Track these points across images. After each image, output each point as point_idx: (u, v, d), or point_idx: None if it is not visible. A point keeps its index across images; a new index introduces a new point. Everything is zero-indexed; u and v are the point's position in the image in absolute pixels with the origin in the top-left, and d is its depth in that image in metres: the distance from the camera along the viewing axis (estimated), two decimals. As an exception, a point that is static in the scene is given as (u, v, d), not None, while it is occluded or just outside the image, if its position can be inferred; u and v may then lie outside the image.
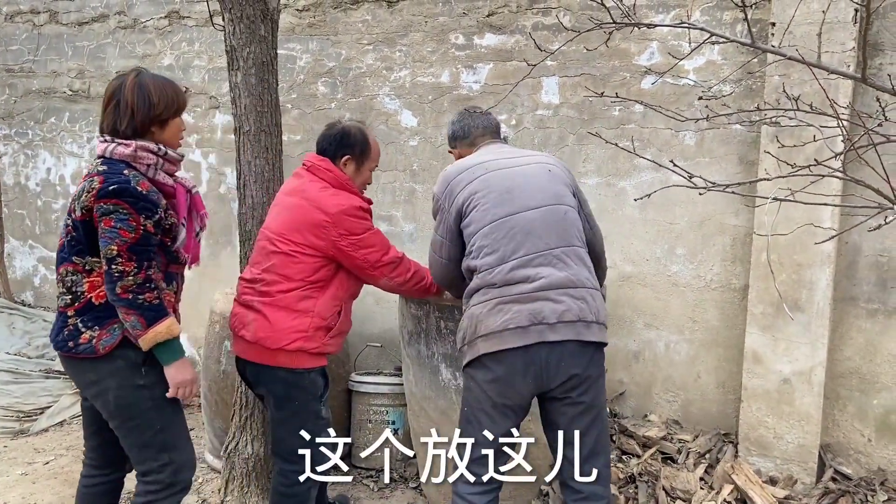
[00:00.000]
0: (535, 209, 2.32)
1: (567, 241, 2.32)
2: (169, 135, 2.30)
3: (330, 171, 2.59)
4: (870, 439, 3.41)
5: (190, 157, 4.60)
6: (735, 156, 3.52)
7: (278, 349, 2.48)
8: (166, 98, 2.25)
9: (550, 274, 2.25)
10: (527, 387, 2.26)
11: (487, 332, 2.25)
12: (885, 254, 3.29)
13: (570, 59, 3.74)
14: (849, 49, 3.10)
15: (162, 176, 2.27)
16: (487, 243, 2.31)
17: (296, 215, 2.53)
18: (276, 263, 2.53)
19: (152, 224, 2.17)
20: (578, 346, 2.23)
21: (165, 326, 2.17)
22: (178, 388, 2.25)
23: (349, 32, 4.17)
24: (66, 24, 4.82)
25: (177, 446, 2.31)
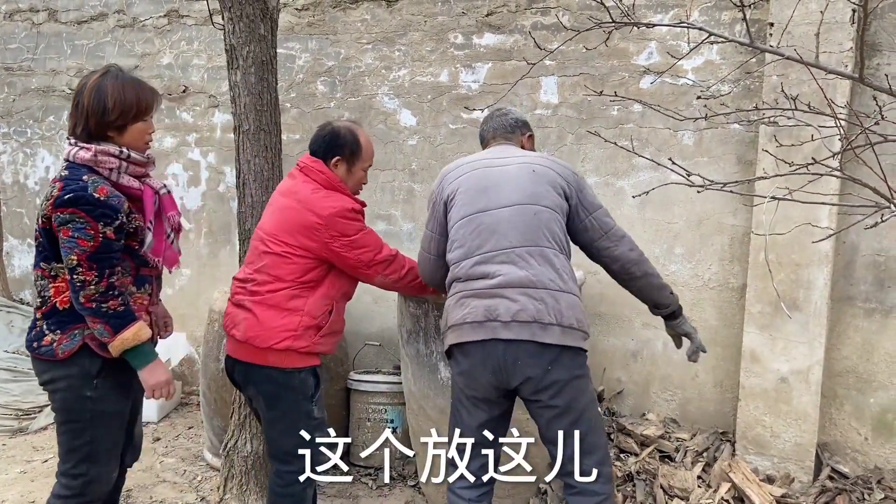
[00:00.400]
0: (506, 207, 2.33)
1: (533, 240, 2.30)
2: (129, 139, 2.23)
3: (322, 172, 2.57)
4: (866, 438, 3.42)
5: (189, 156, 4.60)
6: (733, 155, 3.53)
7: (268, 348, 2.47)
8: (123, 104, 2.18)
9: (509, 272, 2.26)
10: (488, 381, 2.29)
11: (452, 323, 2.33)
12: (883, 253, 3.31)
13: (568, 59, 3.75)
14: (846, 49, 3.11)
15: (126, 179, 2.22)
16: (457, 238, 2.38)
17: (288, 217, 2.52)
18: (267, 264, 2.52)
19: (112, 230, 2.13)
20: (536, 348, 2.22)
21: (132, 333, 2.16)
22: (153, 390, 2.26)
23: (348, 32, 4.18)
24: (65, 22, 4.82)
25: (98, 461, 2.28)
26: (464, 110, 3.95)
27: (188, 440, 4.08)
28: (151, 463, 3.76)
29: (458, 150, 4.02)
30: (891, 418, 3.37)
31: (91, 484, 2.29)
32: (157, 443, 4.00)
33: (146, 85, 2.28)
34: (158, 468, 3.73)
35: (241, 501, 3.19)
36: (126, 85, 2.21)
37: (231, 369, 2.65)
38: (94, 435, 2.25)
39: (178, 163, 4.63)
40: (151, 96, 2.27)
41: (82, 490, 2.29)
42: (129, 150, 2.22)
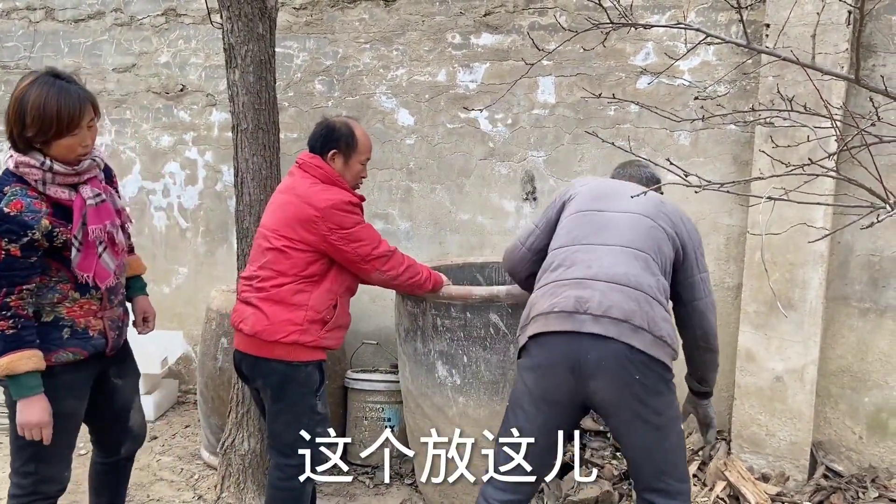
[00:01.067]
0: (623, 213, 2.29)
1: (641, 247, 2.22)
2: (56, 154, 2.11)
3: (320, 167, 2.60)
4: (861, 437, 3.44)
5: (186, 155, 4.60)
6: (729, 156, 3.55)
7: (275, 341, 2.51)
8: (42, 121, 2.04)
9: (610, 266, 2.17)
10: (566, 381, 2.12)
11: (538, 312, 2.20)
12: (877, 253, 3.33)
13: (566, 59, 3.77)
14: (842, 50, 3.13)
15: (54, 190, 2.11)
16: (564, 227, 2.36)
17: (288, 212, 2.56)
18: (270, 259, 2.56)
19: (18, 248, 2.03)
20: (627, 351, 2.07)
21: (7, 361, 2.05)
22: (21, 428, 2.12)
23: (346, 31, 4.18)
24: (63, 20, 4.81)
25: (47, 461, 2.26)
26: (461, 110, 3.96)
27: (185, 439, 4.08)
28: (148, 461, 3.76)
29: (456, 149, 4.03)
30: (885, 417, 3.40)
31: (42, 483, 2.28)
32: (153, 441, 4.00)
33: (75, 95, 2.10)
34: (155, 467, 3.73)
35: (239, 500, 3.20)
36: (48, 99, 2.05)
37: (238, 362, 2.69)
38: None
39: (175, 161, 4.62)
40: (77, 109, 2.08)
41: (34, 488, 2.27)
42: (52, 162, 2.09)
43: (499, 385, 2.95)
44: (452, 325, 2.95)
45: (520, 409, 2.22)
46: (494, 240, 4.02)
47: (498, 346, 2.92)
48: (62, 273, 2.18)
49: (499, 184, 3.99)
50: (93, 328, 2.28)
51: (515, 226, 3.98)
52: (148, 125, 4.64)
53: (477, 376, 2.95)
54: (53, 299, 2.19)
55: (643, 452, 2.15)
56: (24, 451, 2.24)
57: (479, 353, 2.93)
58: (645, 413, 2.10)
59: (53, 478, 2.30)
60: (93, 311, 2.28)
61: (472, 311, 2.91)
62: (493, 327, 2.91)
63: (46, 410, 2.13)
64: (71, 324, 2.23)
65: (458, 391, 2.99)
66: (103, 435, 2.58)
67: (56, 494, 2.35)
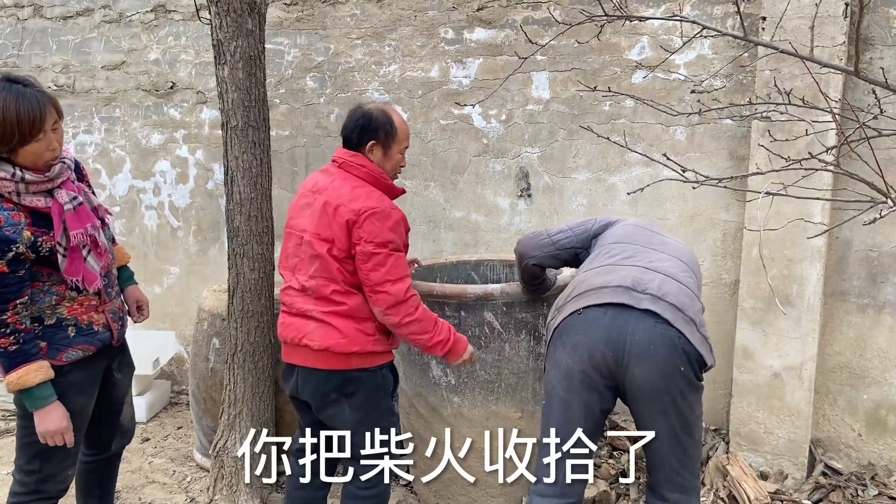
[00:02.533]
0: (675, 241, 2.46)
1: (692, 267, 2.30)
2: (25, 162, 2.05)
3: (363, 166, 2.42)
4: (860, 434, 3.42)
5: (177, 153, 4.55)
6: (725, 151, 3.51)
7: (350, 353, 2.37)
8: (3, 131, 1.97)
9: (670, 267, 2.21)
10: (604, 361, 2.06)
11: (585, 289, 2.16)
12: (876, 249, 3.30)
13: (560, 54, 3.72)
14: (839, 43, 3.09)
15: (29, 199, 2.07)
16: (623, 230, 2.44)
17: (329, 214, 2.37)
18: (318, 267, 2.39)
19: (5, 263, 2.00)
20: (677, 337, 2.03)
21: (17, 376, 2.06)
22: (43, 437, 2.15)
23: (337, 27, 4.13)
24: (51, 18, 4.75)
25: (50, 459, 2.26)
26: (455, 106, 3.92)
27: (178, 440, 4.04)
28: (140, 464, 3.72)
29: (449, 146, 3.98)
30: (884, 414, 3.37)
31: (45, 482, 2.29)
32: (146, 443, 3.96)
33: (33, 98, 2.02)
34: (147, 469, 3.69)
35: (231, 502, 3.16)
36: (6, 106, 1.98)
37: (301, 379, 2.47)
38: None
39: (165, 160, 4.57)
40: (38, 113, 2.02)
41: (36, 487, 2.29)
42: (23, 172, 2.04)
43: (494, 384, 2.91)
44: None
45: (556, 398, 2.16)
46: (489, 237, 3.98)
47: (493, 345, 2.88)
48: (54, 276, 2.17)
49: (493, 180, 3.95)
50: (96, 323, 2.31)
51: (510, 223, 3.94)
52: (138, 123, 4.59)
53: (472, 376, 2.91)
54: (52, 301, 2.19)
55: (669, 444, 2.12)
56: (30, 449, 2.25)
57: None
58: (682, 405, 2.08)
59: (56, 476, 2.30)
60: (93, 306, 2.30)
61: (467, 309, 2.87)
62: (488, 326, 2.87)
63: (64, 416, 2.16)
64: (74, 322, 2.24)
65: (452, 391, 2.95)
66: (96, 429, 2.53)
67: (58, 494, 2.35)
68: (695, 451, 2.18)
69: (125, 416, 2.62)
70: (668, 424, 2.10)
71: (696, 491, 2.19)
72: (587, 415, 2.15)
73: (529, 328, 2.91)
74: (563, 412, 2.15)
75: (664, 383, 2.04)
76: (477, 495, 3.03)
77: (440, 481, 3.08)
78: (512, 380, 2.92)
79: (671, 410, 2.08)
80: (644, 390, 2.07)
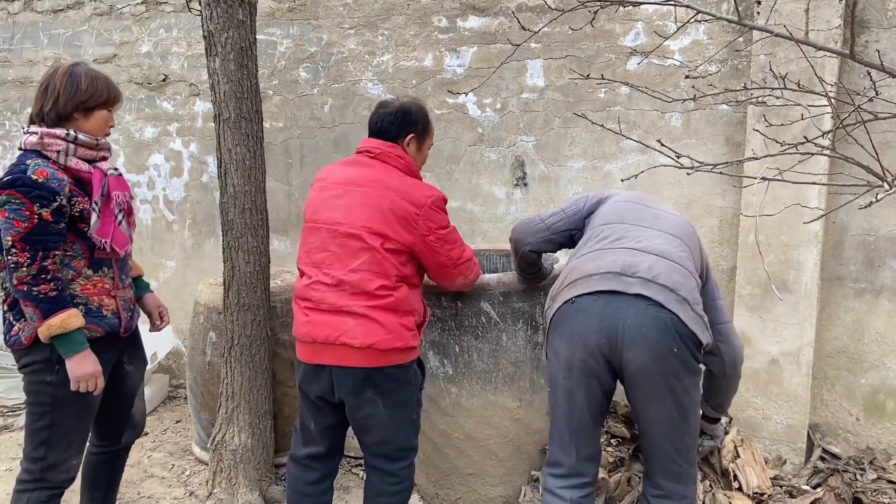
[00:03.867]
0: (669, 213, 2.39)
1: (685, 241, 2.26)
2: (92, 125, 2.33)
3: (401, 157, 2.43)
4: (858, 418, 3.42)
5: (171, 146, 4.52)
6: (721, 136, 3.50)
7: (392, 349, 2.33)
8: (94, 88, 2.31)
9: (661, 245, 2.18)
10: (599, 348, 2.08)
11: (576, 277, 2.16)
12: (872, 233, 3.29)
13: (554, 41, 3.70)
14: (835, 27, 3.08)
15: (74, 161, 2.28)
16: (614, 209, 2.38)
17: (382, 206, 2.32)
18: (366, 261, 2.31)
19: (49, 212, 2.17)
20: (669, 320, 2.03)
21: (60, 320, 2.18)
22: (77, 381, 2.24)
23: (330, 17, 4.10)
24: (41, 11, 4.71)
25: (56, 447, 2.32)
26: (449, 95, 3.90)
27: (176, 434, 4.03)
28: (139, 458, 3.71)
29: (444, 135, 3.96)
30: (882, 398, 3.37)
31: (49, 470, 2.34)
32: (144, 437, 3.95)
33: (114, 83, 2.41)
34: (146, 463, 3.69)
35: (231, 495, 3.16)
36: (97, 75, 2.35)
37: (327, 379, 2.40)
38: (53, 419, 2.30)
39: (159, 153, 4.55)
40: (117, 92, 2.41)
41: (41, 475, 2.34)
42: (76, 133, 2.28)
43: (492, 374, 2.91)
44: (443, 315, 2.90)
45: (558, 387, 2.20)
46: (485, 227, 3.97)
47: (490, 334, 2.88)
48: (77, 246, 2.28)
49: (488, 170, 3.94)
50: (106, 307, 2.37)
51: (506, 212, 3.92)
52: (131, 116, 4.56)
53: (469, 366, 2.91)
54: (67, 276, 2.28)
55: (664, 430, 2.12)
56: (36, 437, 2.31)
57: (470, 342, 2.89)
58: (677, 389, 2.07)
59: (60, 465, 2.35)
60: (106, 289, 2.37)
61: (463, 299, 2.86)
62: (485, 316, 2.86)
63: (96, 361, 2.27)
64: (85, 301, 2.31)
65: (450, 381, 2.95)
66: (106, 421, 2.59)
67: (62, 485, 2.38)
68: (690, 439, 2.17)
69: (136, 410, 2.67)
70: (664, 410, 2.10)
71: (692, 479, 2.19)
72: (590, 400, 2.18)
73: (526, 318, 2.90)
74: (566, 399, 2.19)
75: (658, 367, 2.04)
76: (476, 485, 3.03)
77: (439, 471, 3.09)
78: (510, 369, 2.91)
79: (666, 395, 2.08)
80: (639, 374, 2.07)
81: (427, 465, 3.14)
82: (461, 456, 3.01)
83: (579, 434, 2.20)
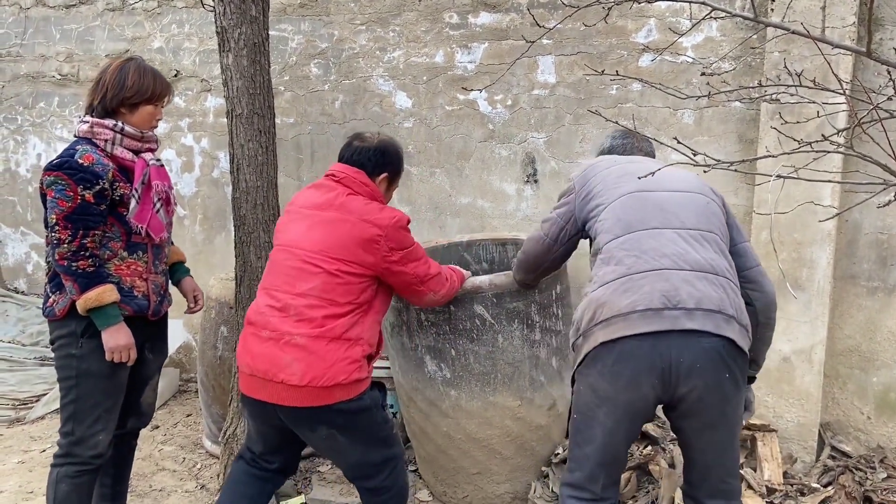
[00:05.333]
0: (675, 191, 2.12)
1: (707, 226, 2.05)
2: (138, 119, 2.47)
3: (366, 185, 2.41)
4: (869, 417, 3.41)
5: (182, 142, 4.54)
6: (734, 134, 3.48)
7: (334, 385, 2.22)
8: (140, 85, 2.44)
9: (686, 252, 1.97)
10: (652, 390, 1.94)
11: (610, 315, 1.95)
12: (886, 231, 3.27)
13: (566, 38, 3.69)
14: (849, 24, 3.06)
15: (120, 150, 2.43)
16: (617, 214, 2.10)
17: (341, 231, 2.30)
18: (317, 286, 2.26)
19: (92, 194, 2.31)
20: (719, 344, 1.91)
21: (95, 294, 2.31)
22: (111, 352, 2.37)
23: (341, 12, 4.11)
24: (54, 6, 4.73)
25: (82, 421, 2.42)
26: (460, 91, 3.89)
27: (187, 428, 4.06)
28: (150, 451, 3.74)
29: (455, 132, 3.96)
30: (894, 397, 3.36)
31: (77, 444, 2.43)
32: (155, 431, 3.98)
33: (163, 77, 2.53)
34: (157, 456, 3.71)
35: (241, 489, 3.17)
36: (146, 71, 2.48)
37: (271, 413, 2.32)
38: (79, 393, 2.41)
39: (171, 148, 4.56)
40: (165, 87, 2.52)
41: (69, 450, 2.44)
42: (123, 124, 2.42)
43: (490, 376, 2.86)
44: (437, 319, 2.85)
45: (595, 421, 2.02)
46: (495, 223, 3.97)
47: (485, 336, 2.82)
48: (115, 228, 2.41)
49: (499, 166, 3.93)
50: (138, 289, 2.49)
51: (516, 209, 3.92)
52: (143, 112, 4.57)
53: (467, 369, 2.87)
54: (104, 256, 2.40)
55: (718, 454, 2.03)
56: (64, 412, 2.43)
57: (466, 345, 2.84)
58: (729, 411, 1.98)
59: (87, 440, 2.42)
60: (139, 272, 2.48)
61: (456, 304, 2.80)
62: (479, 318, 2.81)
63: (130, 334, 2.40)
64: (118, 281, 2.42)
65: (449, 385, 2.90)
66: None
67: (90, 461, 2.45)
68: (738, 454, 2.09)
69: (145, 399, 2.72)
70: (717, 434, 2.02)
71: (739, 493, 2.11)
72: (631, 436, 2.07)
73: (521, 317, 2.85)
74: (606, 435, 2.03)
75: (712, 396, 1.95)
76: (482, 483, 3.03)
77: (445, 471, 3.09)
78: (508, 370, 2.87)
79: (719, 420, 2.00)
80: (693, 406, 1.97)
81: (433, 465, 3.14)
82: (465, 456, 2.99)
83: (612, 466, 2.09)
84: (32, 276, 5.18)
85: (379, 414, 2.41)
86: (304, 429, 2.34)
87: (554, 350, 2.96)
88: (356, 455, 2.39)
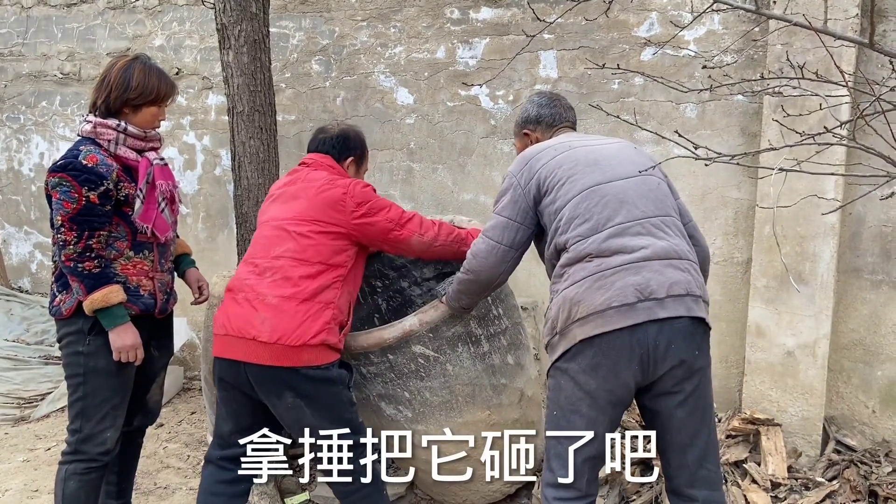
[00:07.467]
0: (626, 178, 2.13)
1: (664, 210, 2.12)
2: (141, 119, 2.44)
3: (332, 167, 2.56)
4: (874, 411, 3.40)
5: (184, 139, 4.54)
6: (737, 127, 3.47)
7: (302, 345, 2.27)
8: (144, 86, 2.41)
9: (650, 243, 2.03)
10: (633, 377, 2.00)
11: (587, 313, 2.00)
12: (890, 224, 3.26)
13: (567, 32, 3.68)
14: (852, 16, 3.04)
15: (123, 150, 2.41)
16: (579, 213, 2.08)
17: (309, 194, 2.45)
18: (291, 247, 2.38)
19: (97, 195, 2.30)
20: (690, 325, 2.00)
21: (101, 294, 2.31)
22: (118, 352, 2.37)
23: (342, 9, 4.10)
24: (55, 5, 4.74)
25: (91, 418, 2.42)
26: (462, 87, 3.89)
27: (191, 425, 4.06)
28: (155, 448, 3.74)
29: (457, 127, 3.96)
30: (898, 390, 3.35)
31: (85, 442, 2.43)
32: (160, 428, 3.98)
33: (168, 77, 2.50)
34: (162, 454, 3.71)
35: (246, 486, 3.18)
36: (150, 71, 2.45)
37: (246, 377, 2.35)
38: (87, 391, 2.41)
39: (173, 146, 4.57)
40: (170, 88, 2.49)
41: (77, 447, 2.44)
42: (126, 124, 2.40)
43: (450, 402, 2.72)
44: (379, 370, 2.70)
45: (577, 415, 2.06)
46: (498, 219, 3.96)
47: (434, 371, 2.68)
48: (121, 228, 2.40)
49: (501, 162, 3.93)
50: (144, 287, 2.47)
51: (519, 204, 3.91)
52: (144, 110, 4.58)
53: (426, 404, 2.73)
54: (110, 255, 2.39)
55: (692, 434, 2.06)
56: (72, 409, 2.43)
57: (417, 384, 2.69)
58: (701, 387, 2.05)
59: (95, 437, 2.42)
60: (145, 271, 2.47)
61: (393, 352, 2.64)
62: (422, 357, 2.66)
63: (137, 334, 2.40)
64: (124, 280, 2.41)
65: (413, 422, 2.75)
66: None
67: (98, 458, 2.45)
68: (715, 437, 2.11)
69: (151, 397, 2.72)
70: (692, 414, 2.05)
71: (722, 481, 2.12)
72: (611, 427, 2.10)
73: (464, 338, 2.69)
74: (586, 425, 2.06)
75: (685, 375, 2.01)
76: (477, 486, 2.99)
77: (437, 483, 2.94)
78: (467, 390, 2.72)
79: (692, 398, 2.03)
80: (668, 388, 2.03)
81: (422, 482, 3.04)
82: (452, 472, 2.86)
83: (596, 460, 2.10)
84: (36, 275, 5.19)
85: (345, 393, 2.43)
86: (272, 395, 2.36)
87: (506, 348, 2.83)
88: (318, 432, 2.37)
